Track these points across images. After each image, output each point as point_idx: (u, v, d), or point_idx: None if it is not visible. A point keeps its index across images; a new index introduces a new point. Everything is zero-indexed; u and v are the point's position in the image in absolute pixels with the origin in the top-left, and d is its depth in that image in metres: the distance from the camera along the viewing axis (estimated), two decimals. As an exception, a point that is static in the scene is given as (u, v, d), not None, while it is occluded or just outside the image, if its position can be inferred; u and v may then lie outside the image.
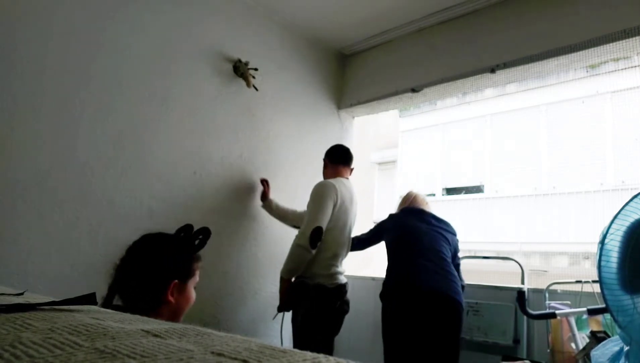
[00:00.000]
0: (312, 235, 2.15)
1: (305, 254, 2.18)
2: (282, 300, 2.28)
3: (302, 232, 2.20)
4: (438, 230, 2.34)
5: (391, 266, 2.33)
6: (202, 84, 2.55)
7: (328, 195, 2.24)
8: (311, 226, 2.17)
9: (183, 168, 2.43)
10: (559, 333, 2.21)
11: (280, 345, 1.50)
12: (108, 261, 2.11)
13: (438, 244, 2.27)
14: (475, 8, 2.76)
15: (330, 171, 2.47)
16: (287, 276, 2.25)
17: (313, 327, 2.20)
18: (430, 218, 2.39)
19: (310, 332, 2.20)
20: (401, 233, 2.36)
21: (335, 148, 2.56)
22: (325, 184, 2.31)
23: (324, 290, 2.22)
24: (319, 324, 2.22)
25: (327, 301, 2.23)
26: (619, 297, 1.49)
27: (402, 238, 2.34)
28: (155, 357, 0.37)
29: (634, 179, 3.97)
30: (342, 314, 2.31)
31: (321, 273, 2.24)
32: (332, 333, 2.30)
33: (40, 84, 1.96)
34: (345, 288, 2.34)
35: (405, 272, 2.22)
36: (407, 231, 2.34)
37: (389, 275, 2.31)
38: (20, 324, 0.50)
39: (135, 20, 2.29)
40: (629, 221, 1.52)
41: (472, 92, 3.48)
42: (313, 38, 3.25)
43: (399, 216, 2.48)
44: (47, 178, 1.95)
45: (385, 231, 2.48)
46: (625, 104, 4.13)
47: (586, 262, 3.97)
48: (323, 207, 2.21)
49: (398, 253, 2.32)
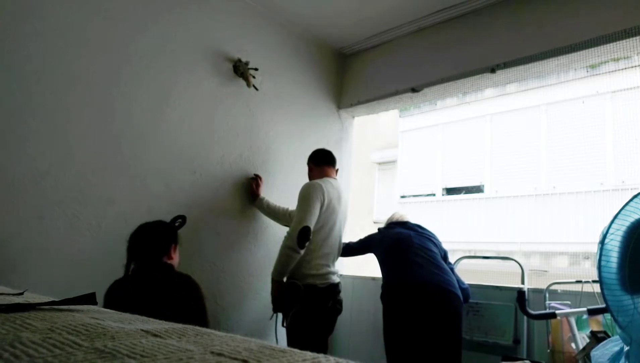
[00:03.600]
0: (300, 235, 2.16)
1: (293, 254, 2.18)
2: (274, 301, 2.28)
3: (289, 233, 2.20)
4: (424, 234, 2.49)
5: (387, 269, 2.43)
6: (202, 84, 2.55)
7: (315, 195, 2.25)
8: (298, 227, 2.17)
9: (183, 168, 2.43)
10: (559, 333, 2.21)
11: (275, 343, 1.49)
12: (108, 261, 2.13)
13: (427, 245, 2.41)
14: (475, 8, 2.76)
15: (317, 172, 2.50)
16: (278, 278, 2.25)
17: (305, 328, 2.20)
18: (416, 226, 2.56)
19: (302, 333, 2.20)
20: (391, 240, 2.49)
21: (317, 152, 2.59)
22: (312, 184, 2.32)
23: (315, 290, 2.22)
24: (311, 324, 2.21)
25: (319, 301, 2.23)
26: (619, 297, 1.48)
27: (393, 243, 2.46)
28: (155, 356, 0.37)
29: (634, 179, 3.97)
30: (334, 314, 2.31)
31: (312, 273, 2.24)
32: (325, 333, 2.30)
33: (39, 84, 1.96)
34: (338, 287, 2.34)
35: (401, 270, 2.32)
36: (397, 237, 2.48)
37: (386, 277, 2.41)
38: (20, 324, 0.49)
39: (135, 20, 2.29)
40: (629, 221, 1.52)
41: (472, 92, 3.47)
42: (313, 38, 3.25)
43: (387, 228, 2.63)
44: (46, 178, 1.95)
45: (374, 242, 2.60)
46: (625, 104, 4.13)
47: (586, 262, 3.97)
48: (310, 207, 2.21)
49: (391, 257, 2.43)
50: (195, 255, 2.44)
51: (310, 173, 2.55)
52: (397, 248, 2.41)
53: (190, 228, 2.41)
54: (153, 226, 1.85)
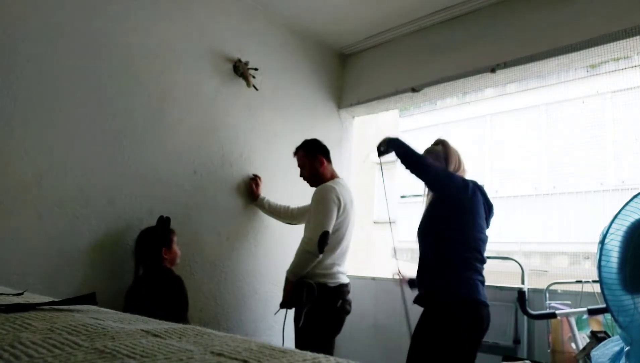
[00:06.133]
0: (320, 240, 2.19)
1: (312, 259, 2.21)
2: (285, 297, 2.30)
3: (309, 238, 2.22)
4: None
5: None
6: (202, 84, 2.55)
7: (332, 200, 2.26)
8: (318, 232, 2.19)
9: (183, 168, 2.43)
10: (560, 333, 2.21)
11: (281, 344, 1.51)
12: (108, 261, 2.12)
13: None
14: (475, 8, 2.76)
15: (328, 170, 2.45)
16: (293, 279, 2.27)
17: (315, 327, 2.21)
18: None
19: (312, 332, 2.21)
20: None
21: (325, 147, 2.50)
22: (329, 189, 2.31)
23: (326, 289, 2.24)
24: (320, 323, 2.23)
25: (329, 300, 2.25)
26: (619, 297, 1.48)
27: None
28: (155, 357, 0.37)
29: (634, 179, 3.97)
30: (343, 314, 2.31)
31: (322, 272, 2.26)
32: (333, 333, 2.31)
33: (40, 84, 1.95)
34: (348, 287, 2.35)
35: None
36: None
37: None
38: (20, 324, 0.49)
39: (135, 20, 2.29)
40: (629, 221, 1.52)
41: (472, 92, 3.47)
42: (313, 38, 3.25)
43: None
44: (47, 178, 1.95)
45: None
46: (625, 104, 4.13)
47: (586, 262, 3.97)
48: (329, 212, 2.24)
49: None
50: (195, 255, 2.44)
51: (321, 167, 2.42)
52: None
53: (191, 228, 2.42)
54: (144, 235, 2.15)
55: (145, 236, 2.15)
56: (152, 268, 2.10)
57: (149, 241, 2.13)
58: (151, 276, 2.08)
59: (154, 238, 2.13)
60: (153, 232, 2.15)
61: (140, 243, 2.15)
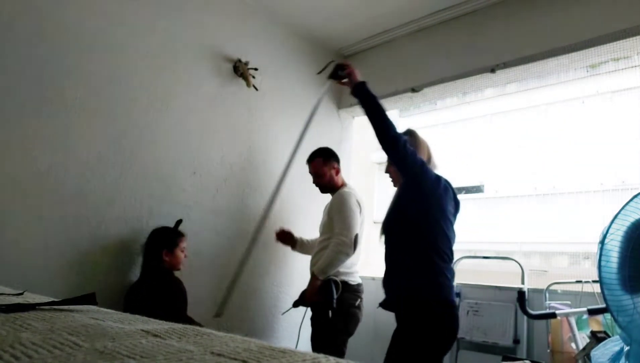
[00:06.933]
0: (354, 242, 2.30)
1: (346, 260, 2.31)
2: (309, 297, 2.33)
3: (344, 241, 2.28)
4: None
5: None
6: (202, 84, 2.55)
7: (355, 206, 2.39)
8: (353, 233, 2.31)
9: (183, 168, 2.43)
10: (559, 333, 2.21)
11: (296, 343, 1.53)
12: (108, 261, 2.12)
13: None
14: (475, 8, 2.76)
15: (340, 178, 2.55)
16: (322, 277, 2.31)
17: (338, 324, 2.29)
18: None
19: (335, 329, 2.29)
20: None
21: (335, 154, 2.59)
22: (350, 194, 2.43)
23: (347, 287, 2.34)
24: (343, 321, 2.31)
25: (351, 298, 2.33)
26: (619, 297, 1.48)
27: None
28: (155, 357, 0.37)
29: (634, 179, 3.96)
30: (360, 314, 2.38)
31: (345, 271, 2.36)
32: (352, 330, 2.38)
33: (40, 84, 1.95)
34: (362, 287, 2.43)
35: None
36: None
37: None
38: (20, 324, 0.49)
39: (135, 20, 2.29)
40: (629, 221, 1.52)
41: (472, 92, 3.47)
42: (313, 38, 3.24)
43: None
44: (47, 178, 1.95)
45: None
46: (625, 104, 4.13)
47: (586, 262, 3.97)
48: (356, 215, 2.37)
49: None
50: (195, 255, 2.43)
51: (337, 176, 2.53)
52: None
53: (191, 228, 2.42)
54: (150, 235, 2.17)
55: (151, 236, 2.17)
56: (152, 268, 2.11)
57: (152, 241, 2.15)
58: (151, 277, 2.09)
59: (156, 239, 2.15)
60: (158, 233, 2.17)
61: (146, 242, 2.18)
